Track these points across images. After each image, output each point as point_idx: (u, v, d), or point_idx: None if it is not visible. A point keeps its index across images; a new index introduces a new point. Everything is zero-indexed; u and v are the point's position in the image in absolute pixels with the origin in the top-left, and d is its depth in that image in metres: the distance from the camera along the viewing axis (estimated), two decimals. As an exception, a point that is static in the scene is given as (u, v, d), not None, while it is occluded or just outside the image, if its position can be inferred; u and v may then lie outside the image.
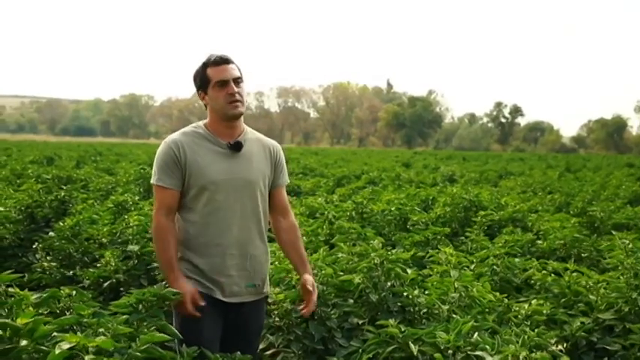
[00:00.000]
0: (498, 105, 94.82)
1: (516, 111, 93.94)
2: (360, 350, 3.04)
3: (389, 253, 3.42)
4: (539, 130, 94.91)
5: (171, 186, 2.67)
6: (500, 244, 4.80)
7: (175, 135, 2.75)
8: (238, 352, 2.63)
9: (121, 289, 4.43)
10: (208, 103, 2.73)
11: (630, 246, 3.82)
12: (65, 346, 1.81)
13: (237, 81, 2.71)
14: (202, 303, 2.63)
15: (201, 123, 2.79)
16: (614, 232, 6.27)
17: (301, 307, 2.87)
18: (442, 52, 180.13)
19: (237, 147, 2.72)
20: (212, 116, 2.75)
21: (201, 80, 2.73)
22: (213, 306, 2.66)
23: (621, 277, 3.76)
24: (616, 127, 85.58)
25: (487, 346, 2.67)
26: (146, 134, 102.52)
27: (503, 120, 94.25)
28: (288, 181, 2.97)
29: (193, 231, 2.69)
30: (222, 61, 2.71)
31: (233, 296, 2.71)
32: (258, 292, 2.79)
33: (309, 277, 2.86)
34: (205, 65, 2.72)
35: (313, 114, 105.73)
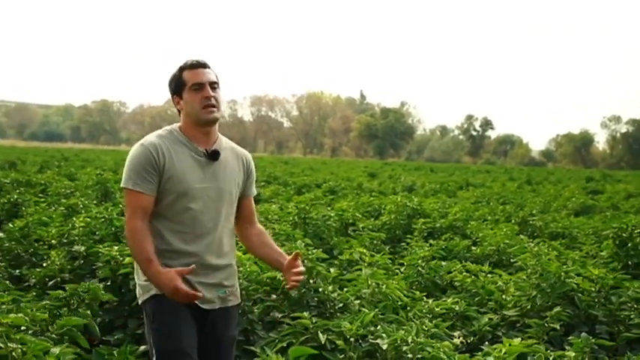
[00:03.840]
0: (469, 118, 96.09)
1: (487, 124, 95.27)
2: (277, 340, 3.32)
3: (309, 252, 3.69)
4: (508, 143, 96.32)
5: (148, 191, 2.56)
6: (426, 249, 5.11)
7: (152, 138, 2.64)
8: None
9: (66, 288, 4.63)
10: (183, 107, 2.66)
11: (536, 249, 4.16)
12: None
13: (213, 86, 2.65)
14: (196, 271, 2.53)
15: (175, 126, 2.71)
16: (546, 240, 6.67)
17: (289, 283, 2.69)
18: (415, 64, 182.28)
19: (214, 156, 2.66)
20: (186, 121, 2.67)
21: (177, 84, 2.67)
22: (190, 313, 2.59)
23: (526, 278, 4.10)
24: (583, 142, 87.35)
25: (384, 334, 2.96)
26: (117, 141, 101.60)
27: (474, 133, 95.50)
28: (256, 192, 2.93)
29: (165, 237, 2.60)
30: (199, 64, 2.66)
31: (207, 303, 2.63)
32: (229, 299, 2.72)
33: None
34: (182, 69, 2.67)
35: (286, 123, 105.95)
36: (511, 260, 6.06)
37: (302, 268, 2.72)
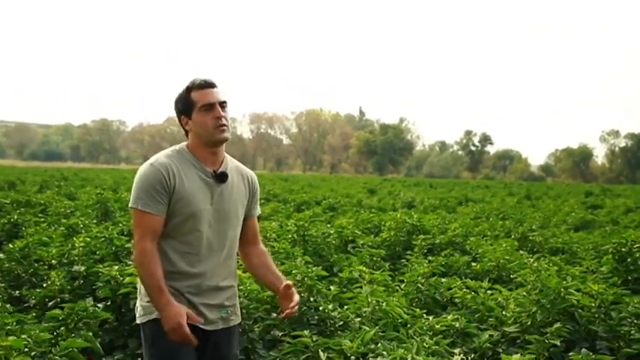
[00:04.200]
0: (468, 133, 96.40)
1: (486, 139, 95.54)
2: (277, 359, 3.32)
3: (309, 270, 3.70)
4: (508, 158, 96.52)
5: (159, 212, 2.53)
6: (426, 265, 5.11)
7: (162, 158, 2.62)
8: None
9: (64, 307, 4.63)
10: (192, 128, 2.63)
11: (535, 265, 4.17)
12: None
13: (223, 105, 2.64)
14: (200, 320, 2.57)
15: (183, 146, 2.69)
16: (546, 256, 6.66)
17: (284, 313, 2.72)
18: (414, 80, 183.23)
19: (222, 178, 2.65)
20: (195, 142, 2.65)
21: (185, 104, 2.64)
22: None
23: (526, 294, 4.10)
24: (582, 157, 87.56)
25: (385, 352, 2.96)
26: (117, 160, 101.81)
27: (472, 148, 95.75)
28: (259, 212, 2.91)
29: (172, 258, 2.58)
30: (207, 84, 2.63)
31: (210, 324, 2.63)
32: (231, 319, 2.73)
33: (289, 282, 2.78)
34: (189, 89, 2.63)
35: (286, 140, 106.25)
36: (511, 276, 6.06)
37: (296, 298, 2.71)
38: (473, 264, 6.32)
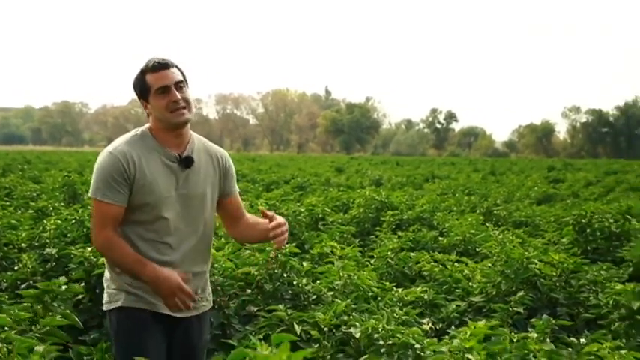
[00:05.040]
0: (434, 111, 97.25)
1: (451, 117, 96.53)
2: (253, 332, 3.41)
3: (284, 247, 3.79)
4: (472, 135, 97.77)
5: (118, 202, 2.44)
6: (395, 241, 5.26)
7: (121, 145, 2.50)
8: None
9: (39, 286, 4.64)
10: (151, 112, 2.52)
11: (500, 237, 4.34)
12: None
13: (180, 85, 2.50)
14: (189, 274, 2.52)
15: (145, 130, 2.57)
16: (510, 229, 6.88)
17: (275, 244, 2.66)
18: (380, 59, 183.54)
19: (187, 163, 2.54)
20: (157, 125, 2.54)
21: (141, 88, 2.51)
22: (157, 323, 2.51)
23: (491, 265, 4.28)
24: (544, 133, 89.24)
25: (357, 323, 3.08)
26: (80, 142, 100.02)
27: (438, 126, 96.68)
28: (238, 190, 2.79)
29: (139, 247, 2.49)
30: (161, 65, 2.49)
31: (180, 311, 2.53)
32: (203, 304, 2.66)
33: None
34: (143, 72, 2.51)
35: (252, 121, 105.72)
36: (477, 249, 6.26)
37: (280, 220, 2.62)
38: (440, 238, 6.50)
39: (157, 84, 2.48)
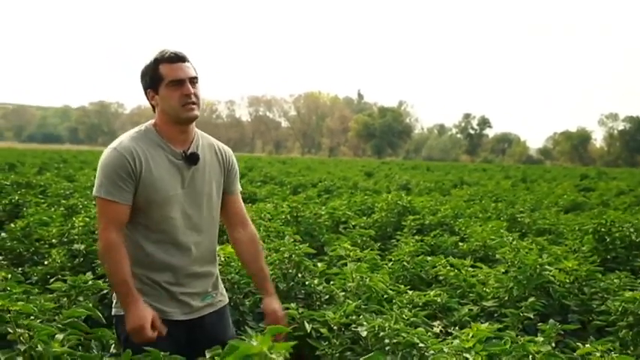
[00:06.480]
0: (467, 116, 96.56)
1: (484, 122, 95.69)
2: (266, 329, 3.53)
3: (297, 247, 3.90)
4: (506, 141, 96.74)
5: (124, 200, 2.37)
6: (412, 244, 5.31)
7: (126, 141, 2.43)
8: None
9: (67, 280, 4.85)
10: (158, 104, 2.45)
11: (514, 243, 4.38)
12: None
13: (193, 81, 2.45)
14: (164, 330, 2.38)
15: (149, 125, 2.50)
16: (530, 236, 6.86)
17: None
18: (413, 63, 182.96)
19: (193, 160, 2.49)
20: (162, 119, 2.47)
21: (152, 78, 2.44)
22: (171, 328, 2.43)
23: (505, 271, 4.32)
24: (580, 140, 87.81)
25: (365, 322, 3.17)
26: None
27: (471, 131, 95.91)
28: (240, 188, 2.75)
29: (146, 249, 2.44)
30: (178, 58, 2.43)
31: (193, 313, 2.51)
32: (216, 302, 2.62)
33: (275, 305, 2.67)
34: (157, 61, 2.43)
35: (284, 123, 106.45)
36: (496, 255, 6.28)
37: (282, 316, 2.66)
38: (460, 244, 6.53)
39: (171, 76, 2.42)
